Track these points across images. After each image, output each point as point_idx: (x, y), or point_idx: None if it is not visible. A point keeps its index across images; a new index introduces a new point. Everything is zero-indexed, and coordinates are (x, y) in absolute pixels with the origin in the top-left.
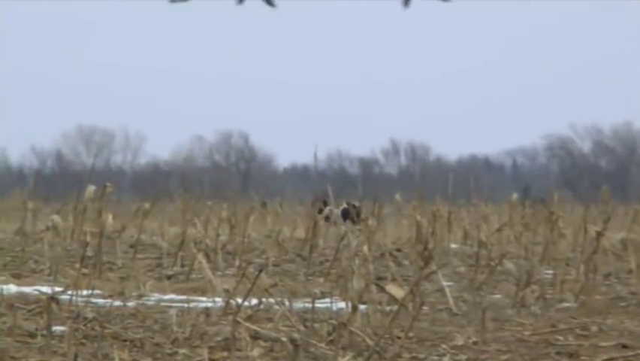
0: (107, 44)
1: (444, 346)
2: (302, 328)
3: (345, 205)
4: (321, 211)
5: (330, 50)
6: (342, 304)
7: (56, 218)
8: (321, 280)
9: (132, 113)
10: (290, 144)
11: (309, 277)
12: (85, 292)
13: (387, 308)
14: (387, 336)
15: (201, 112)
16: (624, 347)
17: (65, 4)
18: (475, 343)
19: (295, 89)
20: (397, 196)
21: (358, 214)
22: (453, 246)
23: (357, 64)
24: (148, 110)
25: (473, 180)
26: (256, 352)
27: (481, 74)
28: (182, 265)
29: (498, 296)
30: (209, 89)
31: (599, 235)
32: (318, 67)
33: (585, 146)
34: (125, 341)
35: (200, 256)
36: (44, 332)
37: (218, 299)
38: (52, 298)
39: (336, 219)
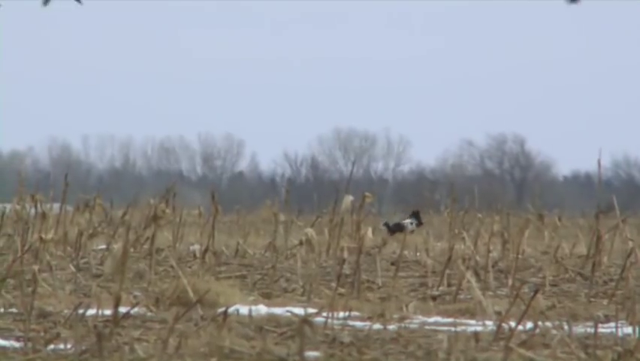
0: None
1: None
2: (583, 355)
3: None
4: (388, 227)
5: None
6: (628, 330)
7: (310, 232)
8: (605, 301)
9: (395, 115)
10: (572, 150)
11: (592, 299)
12: (341, 314)
13: None
14: None
15: (471, 114)
16: None
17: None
18: None
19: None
20: None
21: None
22: None
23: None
24: (413, 112)
25: None
26: None
27: None
28: (449, 285)
29: None
30: (478, 88)
31: None
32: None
33: None
34: None
35: (469, 275)
36: (297, 358)
37: (488, 323)
38: (306, 320)
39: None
